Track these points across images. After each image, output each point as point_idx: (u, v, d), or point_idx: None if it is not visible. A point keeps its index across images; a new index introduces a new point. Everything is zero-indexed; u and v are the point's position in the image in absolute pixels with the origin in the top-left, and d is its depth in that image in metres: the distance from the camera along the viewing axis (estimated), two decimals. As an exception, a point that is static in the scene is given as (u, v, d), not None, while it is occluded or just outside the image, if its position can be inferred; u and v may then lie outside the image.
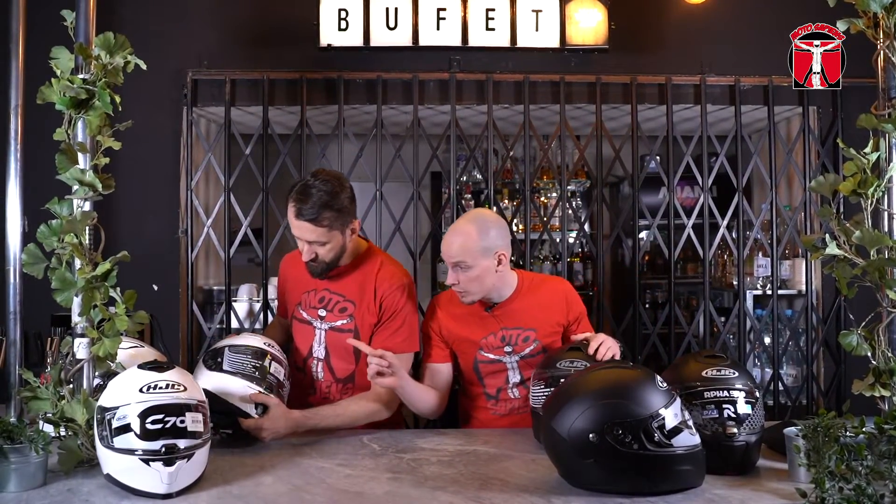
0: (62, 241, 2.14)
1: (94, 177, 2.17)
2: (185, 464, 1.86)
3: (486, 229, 2.51)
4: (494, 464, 2.14)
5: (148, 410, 1.86)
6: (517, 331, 2.60)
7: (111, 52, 2.21)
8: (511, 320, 2.60)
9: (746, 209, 3.93)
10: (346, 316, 2.60)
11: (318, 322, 2.63)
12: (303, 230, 2.45)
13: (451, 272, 2.51)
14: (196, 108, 3.82)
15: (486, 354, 2.61)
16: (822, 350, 3.95)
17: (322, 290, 2.63)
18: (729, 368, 2.10)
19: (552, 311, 2.63)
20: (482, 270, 2.49)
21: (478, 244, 2.47)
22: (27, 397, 2.13)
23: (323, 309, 2.62)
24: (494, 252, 2.50)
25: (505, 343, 2.60)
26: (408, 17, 3.74)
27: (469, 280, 2.50)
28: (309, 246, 2.48)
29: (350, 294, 2.61)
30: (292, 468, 2.10)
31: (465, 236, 2.48)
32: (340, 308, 2.61)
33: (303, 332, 2.67)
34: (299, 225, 2.45)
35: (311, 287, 2.65)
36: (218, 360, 2.36)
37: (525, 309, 2.61)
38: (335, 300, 2.62)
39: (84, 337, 2.17)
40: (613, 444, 1.78)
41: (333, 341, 2.61)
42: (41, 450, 1.91)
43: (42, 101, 2.18)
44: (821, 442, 1.84)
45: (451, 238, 2.51)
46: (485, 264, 2.49)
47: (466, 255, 2.47)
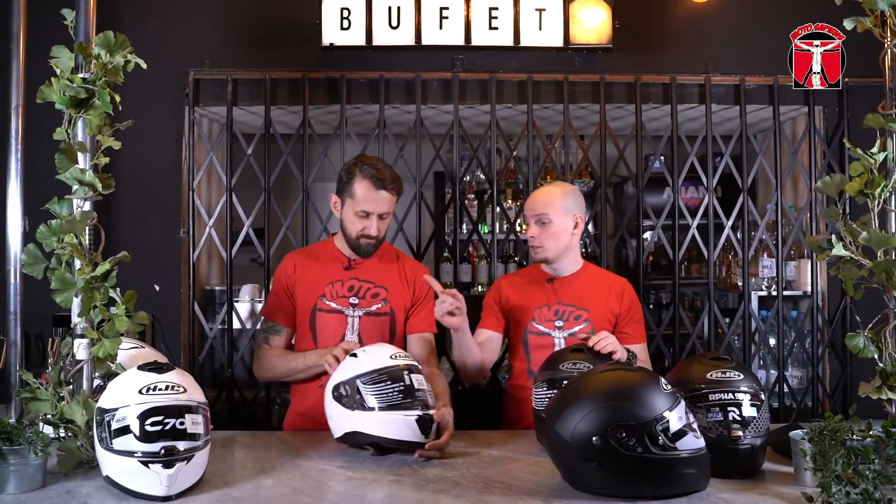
0: (62, 242, 2.14)
1: (94, 176, 2.16)
2: (185, 466, 1.84)
3: (568, 192, 2.81)
4: (497, 466, 2.13)
5: (147, 412, 1.84)
6: (571, 307, 2.76)
7: (111, 51, 2.20)
8: (568, 296, 2.78)
9: (751, 209, 3.91)
10: (381, 300, 2.70)
11: (350, 310, 2.67)
12: (381, 201, 2.62)
13: (533, 226, 2.76)
14: (198, 108, 3.81)
15: (537, 326, 2.76)
16: (828, 352, 3.93)
17: (350, 280, 2.70)
18: (734, 371, 2.08)
19: (608, 297, 2.80)
20: (560, 228, 2.74)
21: (560, 202, 2.75)
22: (27, 398, 2.12)
23: (354, 297, 2.68)
24: (573, 214, 2.76)
25: (557, 317, 2.76)
26: (410, 16, 3.73)
27: (547, 235, 2.74)
28: (378, 220, 2.63)
29: (380, 280, 2.72)
30: (293, 471, 2.09)
31: (551, 194, 2.78)
32: (373, 294, 2.70)
33: (332, 322, 2.67)
34: (379, 196, 2.61)
35: (337, 278, 2.70)
36: (357, 398, 2.18)
37: (583, 288, 2.80)
38: (366, 287, 2.70)
39: (84, 338, 2.16)
40: (617, 448, 1.76)
41: (368, 325, 2.67)
42: (40, 451, 1.90)
43: (42, 100, 2.17)
44: (827, 445, 1.83)
45: (536, 194, 2.82)
46: (563, 222, 2.74)
47: (549, 208, 2.73)
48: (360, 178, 2.62)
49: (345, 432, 2.21)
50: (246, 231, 3.79)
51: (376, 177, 2.61)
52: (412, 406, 2.14)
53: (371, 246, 2.67)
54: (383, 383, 2.17)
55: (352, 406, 2.18)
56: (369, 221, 2.62)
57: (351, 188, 2.63)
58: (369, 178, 2.61)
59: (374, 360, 2.23)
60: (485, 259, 5.00)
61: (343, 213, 2.68)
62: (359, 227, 2.64)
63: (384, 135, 3.80)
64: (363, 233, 2.64)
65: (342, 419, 2.21)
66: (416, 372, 2.23)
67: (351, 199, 2.64)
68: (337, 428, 2.24)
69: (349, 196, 2.64)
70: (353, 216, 2.64)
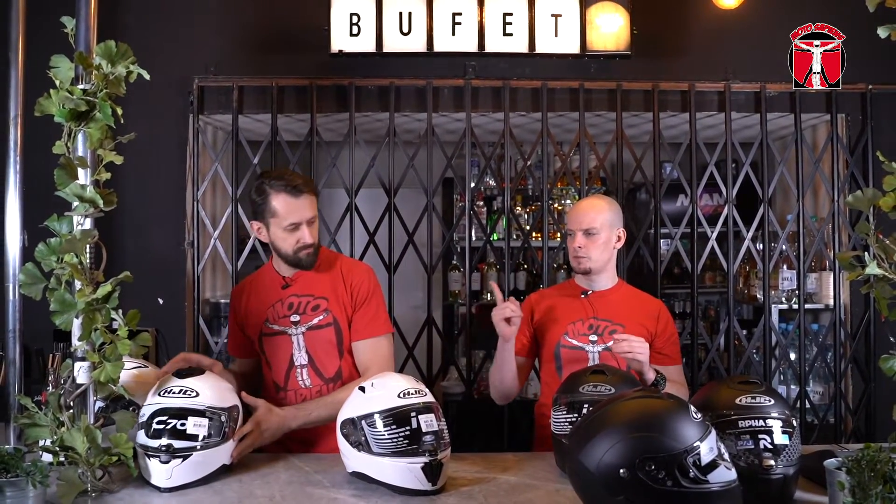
0: (61, 261, 2.07)
1: (95, 192, 2.10)
2: (181, 463, 2.08)
3: (614, 206, 2.84)
4: (516, 495, 2.06)
5: (156, 412, 2.15)
6: (606, 322, 2.75)
7: (113, 62, 2.14)
8: (604, 310, 2.77)
9: (772, 220, 3.89)
10: (322, 311, 2.64)
11: (292, 329, 2.64)
12: (304, 207, 2.57)
13: (580, 237, 2.76)
14: (202, 116, 3.79)
15: (571, 340, 2.75)
16: (851, 367, 3.90)
17: (289, 298, 2.66)
18: (764, 396, 2.01)
19: (645, 317, 2.79)
20: (606, 240, 2.76)
21: (608, 215, 2.77)
22: (25, 424, 2.06)
23: (295, 314, 2.64)
24: (617, 228, 2.80)
25: (591, 331, 2.74)
26: (422, 21, 3.69)
27: (594, 245, 2.75)
28: (308, 227, 2.58)
29: (319, 291, 2.66)
30: (303, 499, 2.03)
31: (598, 207, 2.80)
32: (313, 307, 2.65)
33: (278, 345, 2.65)
34: (300, 203, 2.56)
35: (276, 299, 2.67)
36: (363, 440, 2.12)
37: (619, 304, 2.80)
38: (305, 301, 2.65)
39: (84, 361, 2.10)
40: (646, 481, 1.68)
41: (313, 341, 2.63)
42: (38, 483, 1.84)
43: (40, 113, 2.11)
44: (867, 478, 1.73)
45: (584, 207, 2.83)
46: (609, 235, 2.77)
47: (597, 221, 2.75)
48: (276, 194, 2.56)
49: (353, 470, 2.17)
50: (252, 243, 3.77)
51: (290, 185, 2.56)
52: (417, 453, 2.05)
53: (311, 255, 2.62)
54: (389, 427, 2.08)
55: (357, 447, 2.12)
56: (300, 232, 2.57)
57: (269, 207, 2.58)
58: (284, 191, 2.56)
59: (381, 399, 2.14)
60: (494, 267, 4.96)
61: (271, 234, 2.61)
62: (292, 241, 2.58)
63: (394, 143, 3.78)
64: (299, 245, 2.58)
65: (350, 457, 2.16)
66: (426, 412, 2.13)
67: (274, 217, 2.58)
68: (347, 463, 2.19)
69: (271, 216, 2.58)
70: (283, 233, 2.57)
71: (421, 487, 2.04)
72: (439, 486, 2.07)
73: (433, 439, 2.07)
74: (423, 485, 2.03)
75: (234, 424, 2.24)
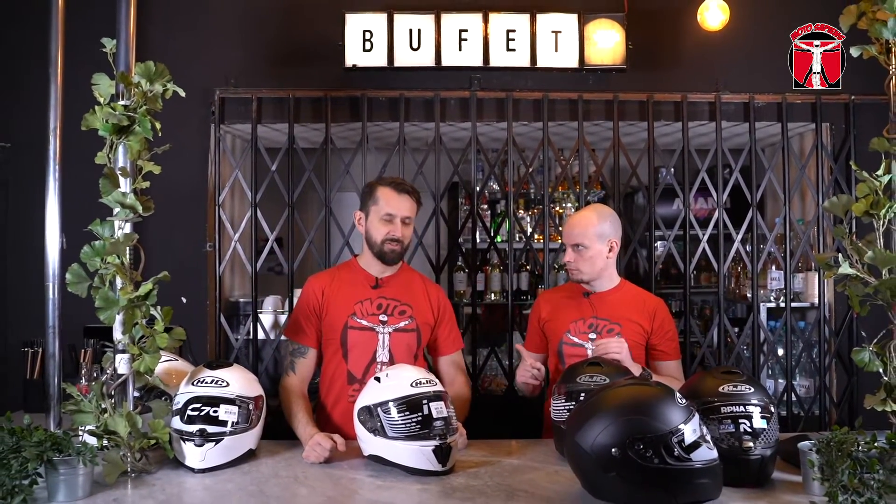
0: (105, 262, 2.23)
1: (135, 199, 2.26)
2: (214, 447, 2.27)
3: (604, 218, 2.86)
4: (519, 475, 2.21)
5: (191, 399, 2.33)
6: (605, 321, 2.84)
7: (151, 80, 2.31)
8: (603, 310, 2.86)
9: (760, 223, 3.98)
10: (407, 317, 2.82)
11: (380, 327, 2.78)
12: (403, 204, 2.78)
13: (570, 251, 2.86)
14: (223, 126, 3.90)
15: (572, 337, 2.84)
16: (835, 362, 3.98)
17: (377, 298, 2.81)
18: (745, 384, 2.15)
19: (641, 315, 2.87)
20: (595, 253, 2.83)
21: (596, 229, 2.82)
22: (71, 410, 2.21)
23: (384, 314, 2.79)
24: (608, 239, 2.84)
25: (591, 330, 2.83)
26: (431, 38, 3.81)
27: (583, 260, 2.83)
28: (402, 225, 2.78)
29: (405, 298, 2.84)
30: (325, 480, 2.18)
31: (586, 222, 2.85)
32: (400, 311, 2.82)
33: (364, 340, 2.77)
34: (401, 199, 2.78)
35: (365, 296, 2.81)
36: (379, 425, 2.28)
37: (618, 304, 2.88)
38: (393, 304, 2.82)
39: (125, 353, 2.26)
40: (635, 459, 1.84)
41: (397, 342, 2.78)
42: (88, 462, 1.99)
43: (86, 127, 2.27)
44: (834, 457, 1.90)
45: (573, 222, 2.89)
46: (598, 248, 2.83)
47: (584, 238, 2.82)
48: (382, 187, 2.80)
49: (370, 453, 2.32)
50: (270, 245, 3.89)
51: (397, 183, 2.81)
52: (429, 437, 2.22)
53: (396, 253, 2.78)
54: (403, 413, 2.25)
55: (374, 432, 2.28)
56: (394, 225, 2.75)
57: (374, 196, 2.78)
58: (390, 185, 2.79)
59: (395, 388, 2.30)
60: (498, 268, 5.07)
61: (368, 223, 2.80)
62: (384, 231, 2.75)
63: (403, 150, 3.88)
64: (389, 236, 2.75)
65: (366, 441, 2.32)
66: (436, 400, 2.30)
67: (375, 205, 2.77)
68: (364, 447, 2.35)
69: (373, 204, 2.78)
70: (379, 222, 2.76)
71: (432, 468, 2.21)
72: (449, 467, 2.23)
73: (443, 424, 2.25)
74: (434, 466, 2.20)
75: (259, 412, 2.41)
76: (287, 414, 2.68)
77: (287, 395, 2.73)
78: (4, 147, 3.89)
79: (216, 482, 2.17)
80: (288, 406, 2.69)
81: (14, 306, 3.84)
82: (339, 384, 2.77)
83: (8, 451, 1.93)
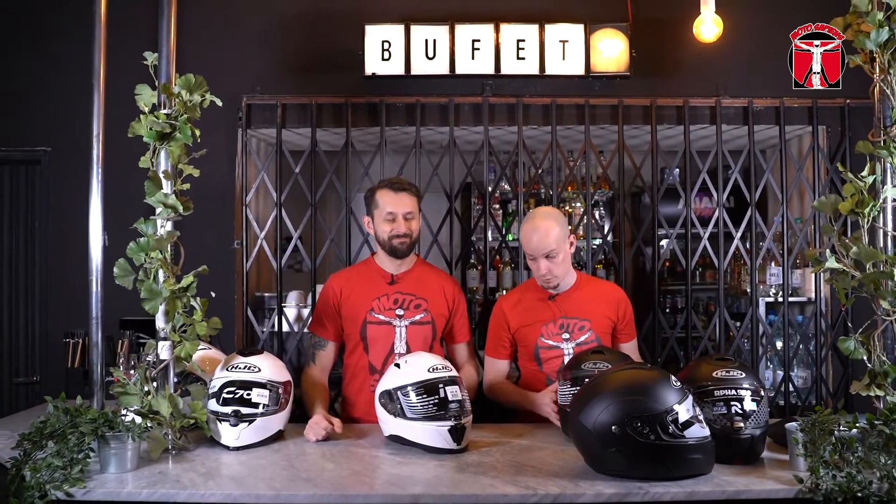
0: (149, 257, 2.42)
1: (176, 200, 2.45)
2: (247, 427, 2.44)
3: (560, 220, 2.90)
4: (527, 453, 2.36)
5: (225, 384, 2.49)
6: (575, 320, 2.92)
7: (191, 91, 2.49)
8: (570, 309, 2.93)
9: (759, 222, 4.08)
10: (423, 311, 2.96)
11: (397, 321, 2.93)
12: (402, 201, 2.91)
13: (543, 262, 2.86)
14: (250, 130, 4.06)
15: (546, 341, 2.91)
16: (831, 354, 4.09)
17: (394, 294, 2.96)
18: (737, 370, 2.28)
19: (605, 306, 2.97)
20: (564, 255, 2.88)
21: (559, 233, 2.85)
22: (119, 392, 2.38)
23: (400, 308, 2.95)
24: (567, 238, 2.91)
25: (563, 331, 2.91)
26: (445, 47, 3.96)
27: (557, 265, 2.87)
28: (405, 221, 2.90)
29: (421, 293, 2.99)
30: (350, 457, 2.34)
31: (547, 229, 2.84)
32: (416, 305, 2.96)
33: (382, 333, 2.93)
34: (399, 197, 2.91)
35: (383, 292, 2.96)
36: (398, 408, 2.43)
37: (583, 300, 2.96)
38: (409, 299, 2.97)
39: (167, 340, 2.44)
40: (633, 436, 1.98)
41: (414, 334, 2.94)
42: (136, 437, 2.16)
43: (132, 134, 2.45)
44: (817, 435, 2.03)
45: (540, 234, 2.84)
46: (565, 249, 2.88)
47: (556, 243, 2.83)
48: (381, 189, 2.95)
49: (390, 434, 2.48)
50: (294, 243, 4.03)
51: (393, 182, 2.95)
52: (445, 417, 2.38)
53: (405, 245, 2.92)
54: (420, 396, 2.41)
55: (394, 413, 2.44)
56: (396, 223, 2.89)
57: (375, 200, 2.95)
58: (387, 186, 2.94)
59: (414, 373, 2.46)
60: (509, 265, 5.20)
61: (375, 226, 2.96)
62: (389, 230, 2.90)
63: (419, 153, 4.03)
64: (394, 233, 2.89)
65: (387, 423, 2.48)
66: (451, 384, 2.45)
67: (377, 208, 2.94)
68: (384, 428, 2.51)
69: (375, 207, 2.95)
70: (383, 222, 2.92)
71: (448, 447, 2.36)
72: (463, 445, 2.39)
73: (458, 406, 2.41)
74: (450, 444, 2.36)
75: (287, 396, 2.57)
76: (305, 399, 2.86)
77: (308, 383, 2.92)
78: (47, 151, 4.08)
79: (250, 458, 2.32)
80: (307, 392, 2.88)
81: (56, 300, 4.02)
82: (362, 375, 2.94)
83: (65, 427, 2.10)
